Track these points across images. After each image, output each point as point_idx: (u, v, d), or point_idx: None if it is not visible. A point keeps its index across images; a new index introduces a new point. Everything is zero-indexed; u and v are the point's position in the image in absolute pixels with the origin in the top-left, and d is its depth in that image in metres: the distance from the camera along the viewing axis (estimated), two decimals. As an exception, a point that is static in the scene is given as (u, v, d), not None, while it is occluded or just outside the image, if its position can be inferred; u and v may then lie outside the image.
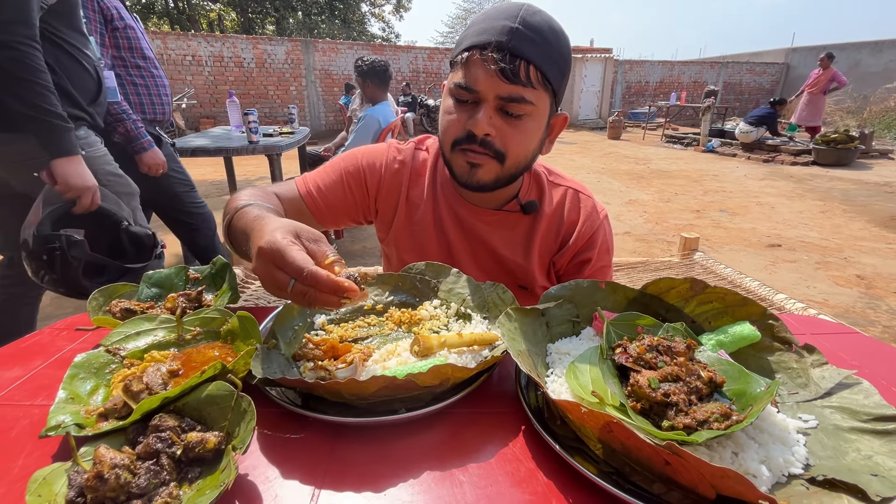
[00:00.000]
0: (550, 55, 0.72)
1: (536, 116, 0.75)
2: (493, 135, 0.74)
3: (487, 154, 0.76)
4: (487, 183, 0.79)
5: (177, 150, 2.33)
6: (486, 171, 0.78)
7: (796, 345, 0.56)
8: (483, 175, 0.78)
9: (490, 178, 0.78)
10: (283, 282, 0.51)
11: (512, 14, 0.71)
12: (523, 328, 0.59)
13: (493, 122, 0.73)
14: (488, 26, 0.71)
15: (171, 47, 10.11)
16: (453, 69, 0.77)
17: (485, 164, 0.77)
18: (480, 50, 0.71)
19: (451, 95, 0.78)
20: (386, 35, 23.76)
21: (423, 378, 0.49)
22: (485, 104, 0.73)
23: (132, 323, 0.62)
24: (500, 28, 0.70)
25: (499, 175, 0.79)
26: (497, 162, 0.77)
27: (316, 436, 0.51)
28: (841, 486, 0.40)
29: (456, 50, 0.77)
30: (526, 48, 0.69)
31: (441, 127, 0.80)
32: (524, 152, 0.78)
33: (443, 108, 0.80)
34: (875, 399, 0.48)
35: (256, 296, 1.32)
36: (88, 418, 0.48)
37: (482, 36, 0.71)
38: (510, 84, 0.70)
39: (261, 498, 0.43)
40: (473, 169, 0.77)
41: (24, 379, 0.60)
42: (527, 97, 0.72)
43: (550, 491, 0.44)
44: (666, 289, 0.65)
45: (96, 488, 0.37)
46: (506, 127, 0.74)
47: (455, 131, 0.76)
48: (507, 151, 0.76)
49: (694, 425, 0.44)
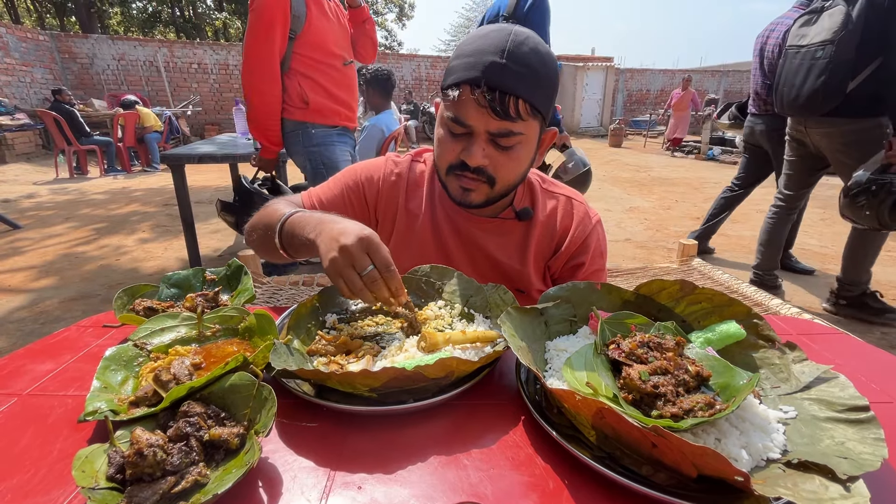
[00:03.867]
0: (538, 84, 0.75)
1: (526, 143, 0.80)
2: (487, 164, 0.80)
3: (480, 180, 0.81)
4: (479, 203, 0.85)
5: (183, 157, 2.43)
6: (478, 194, 0.84)
7: (779, 342, 0.60)
8: (475, 197, 0.84)
9: (482, 199, 0.85)
10: (363, 265, 0.62)
11: (499, 48, 0.73)
12: (523, 326, 0.63)
13: (486, 154, 0.79)
14: (477, 60, 0.74)
15: (176, 55, 10.26)
16: (445, 99, 0.80)
17: (477, 189, 0.83)
18: (471, 86, 0.74)
19: (443, 126, 0.82)
20: (389, 43, 24.00)
21: (430, 370, 0.53)
22: (477, 137, 0.78)
23: (157, 320, 0.66)
24: (489, 64, 0.72)
25: (489, 196, 0.85)
26: (488, 186, 0.83)
27: (330, 424, 0.55)
28: (813, 468, 0.43)
29: (447, 78, 0.80)
30: (514, 84, 0.73)
31: (436, 153, 0.87)
32: (514, 175, 0.84)
33: (436, 135, 0.86)
34: (850, 391, 0.51)
35: (263, 299, 1.36)
36: (121, 406, 0.52)
37: (471, 71, 0.74)
38: (500, 120, 0.75)
39: (281, 478, 0.47)
40: (467, 192, 0.84)
41: (55, 372, 0.64)
42: (516, 130, 0.76)
43: (548, 473, 0.48)
44: (658, 290, 0.69)
45: (136, 464, 0.41)
46: (498, 156, 0.79)
47: (450, 158, 0.82)
48: (497, 177, 0.81)
49: (680, 414, 0.48)
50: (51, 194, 5.63)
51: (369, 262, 0.63)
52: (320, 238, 0.68)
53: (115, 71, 9.90)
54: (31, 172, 6.93)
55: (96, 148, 6.87)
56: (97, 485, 0.42)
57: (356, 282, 0.63)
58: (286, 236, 0.78)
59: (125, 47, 9.93)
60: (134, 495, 0.40)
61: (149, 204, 5.17)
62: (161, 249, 3.67)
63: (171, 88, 10.31)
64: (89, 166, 7.07)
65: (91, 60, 9.70)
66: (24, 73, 8.56)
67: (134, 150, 7.52)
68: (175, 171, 2.82)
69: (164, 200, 5.27)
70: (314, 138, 2.16)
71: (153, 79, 10.18)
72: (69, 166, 6.75)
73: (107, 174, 6.99)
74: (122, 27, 18.17)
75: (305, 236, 0.72)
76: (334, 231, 0.66)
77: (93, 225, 4.34)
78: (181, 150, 2.94)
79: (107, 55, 9.77)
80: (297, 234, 0.75)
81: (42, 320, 2.54)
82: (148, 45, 10.14)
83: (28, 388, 0.60)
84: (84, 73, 9.73)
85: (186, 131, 9.09)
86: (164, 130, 7.81)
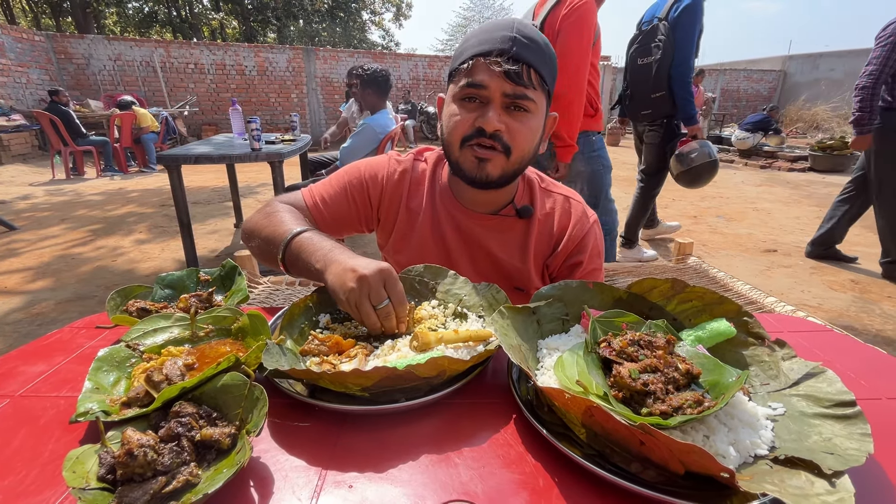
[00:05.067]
0: (544, 59, 0.81)
1: (537, 114, 0.83)
2: (503, 130, 0.81)
3: (496, 148, 0.82)
4: (494, 177, 0.84)
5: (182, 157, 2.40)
6: (494, 165, 0.83)
7: (768, 339, 0.60)
8: (491, 169, 0.83)
9: (497, 172, 0.84)
10: (380, 299, 0.65)
11: (508, 26, 0.80)
12: (515, 325, 0.64)
13: (502, 119, 0.80)
14: (488, 37, 0.80)
15: (173, 55, 10.22)
16: (455, 78, 0.84)
17: (493, 159, 0.82)
18: (485, 57, 0.78)
19: (455, 100, 0.84)
20: (386, 43, 23.98)
21: (422, 369, 0.53)
22: (492, 103, 0.80)
23: (150, 321, 0.66)
24: (501, 38, 0.78)
25: (504, 169, 0.84)
26: (504, 156, 0.83)
27: (322, 424, 0.55)
28: (800, 464, 0.44)
29: (456, 62, 0.84)
30: (526, 53, 0.78)
31: (448, 128, 0.86)
32: (528, 146, 0.84)
33: (447, 113, 0.86)
34: (837, 387, 0.52)
35: (260, 298, 1.36)
36: (113, 406, 0.52)
37: (484, 45, 0.79)
38: (515, 85, 0.78)
39: (272, 477, 0.47)
40: (482, 164, 0.83)
41: (48, 373, 0.64)
42: (529, 95, 0.79)
43: (538, 471, 0.48)
44: (649, 288, 0.69)
45: (126, 464, 0.41)
46: (513, 123, 0.81)
47: (464, 129, 0.82)
48: (513, 145, 0.82)
49: (670, 411, 0.49)
50: (47, 195, 5.61)
51: (386, 296, 0.65)
52: (330, 270, 0.70)
53: (111, 71, 9.86)
54: (27, 174, 6.90)
55: (93, 149, 6.84)
56: (88, 485, 0.42)
57: (371, 315, 0.65)
58: (291, 256, 0.78)
59: (121, 48, 9.89)
60: (124, 495, 0.41)
61: (145, 205, 5.16)
62: (158, 250, 3.67)
63: (168, 89, 10.27)
64: (86, 167, 7.05)
65: (87, 61, 9.66)
66: (19, 73, 8.52)
67: (131, 150, 7.49)
68: (171, 171, 2.81)
69: (161, 201, 5.25)
70: (594, 144, 2.26)
71: (150, 79, 10.15)
72: (65, 167, 6.72)
73: (103, 175, 6.96)
74: (119, 27, 18.11)
75: (313, 265, 0.73)
76: (349, 264, 0.67)
77: (89, 226, 4.32)
78: (177, 151, 2.93)
79: (103, 56, 9.73)
80: (303, 258, 0.75)
81: (38, 322, 2.53)
82: (144, 46, 10.10)
83: (20, 390, 0.60)
84: (80, 74, 9.69)
85: (183, 132, 9.06)
86: (160, 131, 7.79)
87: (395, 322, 0.67)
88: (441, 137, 0.90)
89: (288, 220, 0.84)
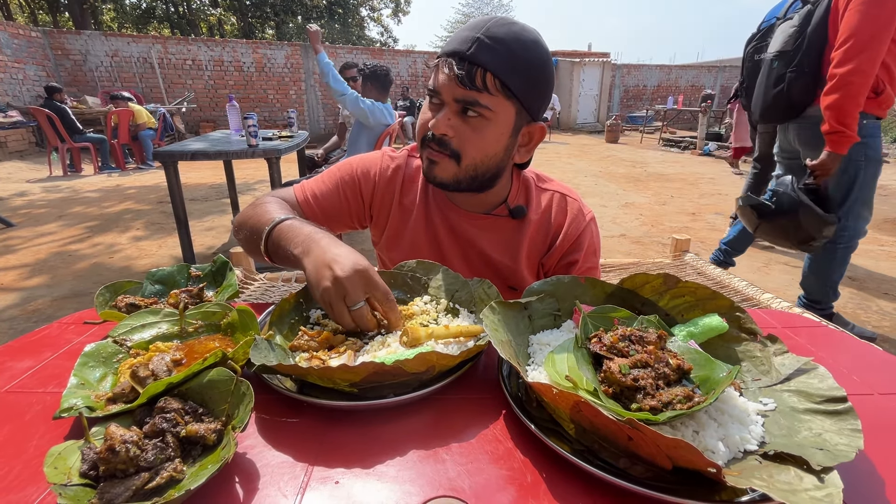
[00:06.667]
0: (513, 65, 0.74)
1: (496, 122, 0.78)
2: (451, 135, 0.79)
3: (443, 153, 0.80)
4: (446, 181, 0.82)
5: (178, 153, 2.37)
6: (443, 168, 0.81)
7: (760, 335, 0.60)
8: (440, 172, 0.82)
9: (447, 176, 0.82)
10: (355, 300, 0.63)
11: (479, 26, 0.75)
12: (506, 320, 0.63)
13: (450, 124, 0.78)
14: (457, 37, 0.77)
15: (171, 52, 10.18)
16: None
17: (440, 163, 0.81)
18: (445, 58, 0.76)
19: (426, 100, 0.84)
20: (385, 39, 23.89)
21: (410, 364, 0.52)
22: (445, 107, 0.78)
23: (138, 316, 0.66)
24: (464, 38, 0.75)
25: (457, 174, 0.82)
26: (454, 162, 0.80)
27: (310, 419, 0.54)
28: (789, 459, 0.43)
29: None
30: (483, 57, 0.73)
31: (416, 126, 0.86)
32: (480, 155, 0.80)
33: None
34: (828, 382, 0.51)
35: (256, 295, 1.36)
36: (98, 402, 0.52)
37: (450, 45, 0.77)
38: (465, 89, 0.75)
39: (258, 473, 0.47)
40: (431, 165, 0.82)
41: (35, 369, 0.64)
42: (482, 101, 0.75)
43: (526, 467, 0.47)
44: (641, 283, 0.68)
45: (108, 460, 0.41)
46: (464, 128, 0.78)
47: (422, 130, 0.82)
48: (462, 152, 0.79)
49: (659, 407, 0.48)
50: (44, 192, 5.60)
51: (362, 298, 0.64)
52: (308, 258, 0.68)
53: (108, 68, 9.81)
54: (23, 170, 6.88)
55: (90, 145, 6.82)
56: (69, 481, 0.42)
57: (345, 315, 0.64)
58: (272, 244, 0.77)
59: (119, 44, 9.84)
60: (106, 492, 0.40)
61: (142, 202, 5.15)
62: (155, 247, 3.66)
63: (166, 85, 10.23)
64: (83, 164, 7.02)
65: (84, 57, 9.61)
66: (16, 70, 8.47)
67: (128, 147, 7.47)
68: (168, 168, 2.80)
69: (159, 198, 5.24)
70: (864, 129, 1.92)
71: (147, 75, 10.10)
72: (62, 164, 6.70)
73: (101, 172, 6.94)
74: (116, 23, 18.02)
75: (291, 251, 0.71)
76: (326, 256, 0.66)
77: (86, 223, 4.31)
78: (173, 147, 2.92)
79: (100, 52, 9.68)
80: (282, 245, 0.74)
81: (34, 319, 2.52)
82: (142, 42, 10.05)
83: (6, 385, 0.60)
84: (77, 70, 9.65)
85: (181, 128, 9.03)
86: (158, 128, 7.76)
87: (371, 322, 0.66)
88: None
89: (273, 210, 0.83)
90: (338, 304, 0.64)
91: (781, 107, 2.17)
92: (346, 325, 0.65)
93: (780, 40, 2.13)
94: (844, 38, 1.81)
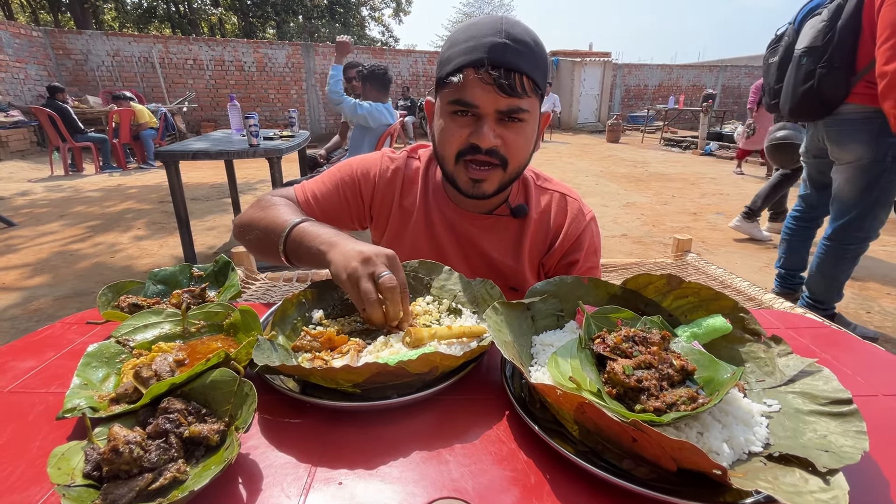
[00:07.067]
0: (536, 62, 0.76)
1: (531, 121, 0.80)
2: (499, 144, 0.78)
3: (492, 163, 0.80)
4: (491, 193, 0.84)
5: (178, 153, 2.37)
6: (490, 182, 0.82)
7: (764, 336, 0.60)
8: (487, 187, 0.82)
9: (494, 187, 0.83)
10: (381, 271, 0.64)
11: (495, 29, 0.74)
12: (509, 321, 0.63)
13: (496, 134, 0.77)
14: (476, 44, 0.74)
15: (172, 51, 10.19)
16: (444, 88, 0.79)
17: (489, 178, 0.81)
18: (475, 68, 0.73)
19: (444, 115, 0.81)
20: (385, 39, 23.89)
21: (413, 365, 0.52)
22: (486, 118, 0.77)
23: (141, 316, 0.66)
24: (490, 45, 0.73)
25: (501, 181, 0.83)
26: (501, 169, 0.81)
27: (313, 420, 0.54)
28: (794, 461, 0.43)
29: (444, 69, 0.78)
30: (517, 61, 0.73)
31: (441, 142, 0.83)
32: (524, 155, 0.83)
33: (438, 126, 0.83)
34: (833, 384, 0.51)
35: (258, 295, 1.36)
36: (101, 402, 0.52)
37: (473, 54, 0.74)
38: (508, 97, 0.74)
39: (261, 474, 0.47)
40: (478, 184, 0.82)
41: (38, 369, 0.64)
42: (523, 106, 0.76)
43: (530, 468, 0.47)
44: (644, 284, 0.68)
45: (112, 461, 0.41)
46: (508, 135, 0.78)
47: (458, 145, 0.80)
48: (510, 157, 0.80)
49: (663, 408, 0.48)
50: (45, 192, 5.60)
51: (389, 272, 0.64)
52: (334, 250, 0.69)
53: (109, 67, 9.82)
54: (25, 170, 6.88)
55: (91, 145, 6.83)
56: (73, 482, 0.42)
57: (371, 293, 0.63)
58: (292, 243, 0.77)
59: (120, 43, 9.85)
60: (109, 492, 0.40)
61: (144, 201, 5.15)
62: (156, 247, 3.66)
63: (167, 85, 10.23)
64: (84, 163, 7.03)
65: (85, 57, 9.62)
66: (17, 69, 8.48)
67: (129, 147, 7.47)
68: (169, 167, 2.80)
69: (160, 197, 5.24)
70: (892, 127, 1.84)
71: (148, 75, 10.11)
72: (64, 163, 6.71)
73: (102, 171, 6.95)
74: (117, 23, 18.03)
75: (316, 247, 0.72)
76: (355, 246, 0.68)
77: (87, 223, 4.32)
78: (174, 147, 2.92)
79: (101, 51, 9.69)
80: (305, 243, 0.75)
81: (36, 318, 2.53)
82: (143, 41, 10.06)
83: (9, 386, 0.60)
84: (79, 70, 9.65)
85: (182, 128, 9.04)
86: (159, 127, 7.77)
87: (398, 307, 0.65)
88: (434, 148, 0.88)
89: (287, 212, 0.84)
90: (365, 281, 0.63)
91: (811, 104, 2.13)
92: (371, 303, 0.63)
93: (809, 35, 2.08)
94: (889, 34, 1.74)
